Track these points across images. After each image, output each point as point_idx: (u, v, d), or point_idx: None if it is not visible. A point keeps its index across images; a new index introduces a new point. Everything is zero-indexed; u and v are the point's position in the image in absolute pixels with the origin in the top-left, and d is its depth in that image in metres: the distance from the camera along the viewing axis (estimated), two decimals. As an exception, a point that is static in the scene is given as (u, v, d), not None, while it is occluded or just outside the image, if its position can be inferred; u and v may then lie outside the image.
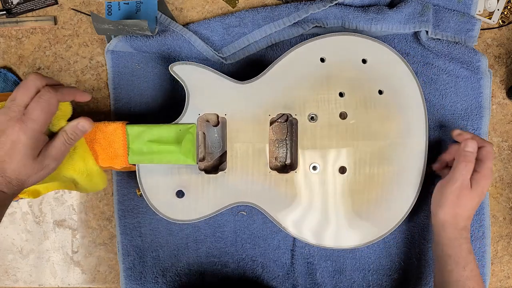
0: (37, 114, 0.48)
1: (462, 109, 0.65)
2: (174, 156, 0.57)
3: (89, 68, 0.67)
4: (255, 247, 0.66)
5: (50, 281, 0.68)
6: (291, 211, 0.59)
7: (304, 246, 0.65)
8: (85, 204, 0.67)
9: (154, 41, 0.62)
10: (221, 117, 0.59)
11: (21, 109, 0.48)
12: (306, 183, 0.59)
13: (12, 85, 0.65)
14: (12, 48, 0.66)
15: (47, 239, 0.68)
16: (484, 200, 0.65)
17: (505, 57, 0.67)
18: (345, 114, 0.59)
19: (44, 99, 0.49)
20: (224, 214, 0.65)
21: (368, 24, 0.61)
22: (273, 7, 0.63)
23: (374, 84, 0.59)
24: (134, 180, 0.64)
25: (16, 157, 0.48)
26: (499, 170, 0.67)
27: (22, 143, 0.48)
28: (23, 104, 0.48)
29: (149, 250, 0.66)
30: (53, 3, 0.66)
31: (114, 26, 0.59)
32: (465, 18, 0.63)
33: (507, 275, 0.68)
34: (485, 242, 0.65)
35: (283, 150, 0.63)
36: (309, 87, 0.59)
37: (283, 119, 0.62)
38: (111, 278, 0.68)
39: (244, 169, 0.59)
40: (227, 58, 0.64)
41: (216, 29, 0.64)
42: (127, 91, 0.65)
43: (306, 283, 0.66)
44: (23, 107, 0.48)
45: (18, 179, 0.49)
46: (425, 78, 0.65)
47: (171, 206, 0.59)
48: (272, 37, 0.64)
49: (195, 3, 0.66)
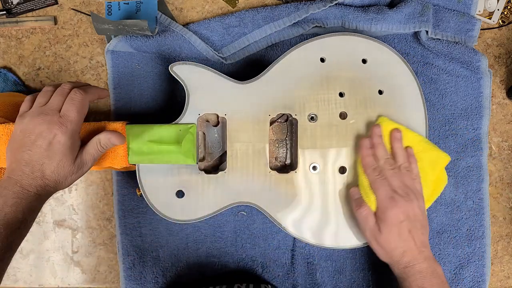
0: (73, 115, 0.50)
1: (462, 109, 0.65)
2: (174, 156, 0.57)
3: (89, 68, 0.67)
4: (255, 247, 0.66)
5: (50, 281, 0.68)
6: (291, 211, 0.59)
7: (304, 246, 0.65)
8: (85, 204, 0.67)
9: (154, 41, 0.62)
10: (221, 117, 0.59)
11: (56, 112, 0.49)
12: (306, 183, 0.59)
13: (12, 85, 0.65)
14: (12, 48, 0.66)
15: (47, 239, 0.68)
16: (484, 200, 0.65)
17: (505, 57, 0.67)
18: (345, 114, 0.59)
19: (77, 100, 0.50)
20: (224, 214, 0.65)
21: (368, 24, 0.61)
22: (273, 7, 0.63)
23: (374, 84, 0.59)
24: (134, 180, 0.64)
25: (55, 157, 0.49)
26: (499, 170, 0.67)
27: (62, 144, 0.49)
28: (57, 108, 0.50)
29: (149, 250, 0.66)
30: (53, 3, 0.66)
31: (114, 26, 0.59)
32: (465, 18, 0.63)
33: (507, 275, 0.68)
34: (485, 242, 0.65)
35: (283, 150, 0.63)
36: (309, 87, 0.59)
37: (283, 119, 0.62)
38: (111, 278, 0.68)
39: (244, 169, 0.59)
40: (227, 58, 0.64)
41: (216, 29, 0.64)
42: (127, 91, 0.65)
43: (306, 283, 0.66)
44: (58, 110, 0.50)
45: (56, 180, 0.50)
46: (425, 78, 0.65)
47: (171, 206, 0.59)
48: (272, 37, 0.64)
49: (195, 3, 0.66)
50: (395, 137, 0.57)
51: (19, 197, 0.47)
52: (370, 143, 0.56)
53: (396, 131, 0.57)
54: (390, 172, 0.54)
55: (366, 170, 0.55)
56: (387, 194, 0.53)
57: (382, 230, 0.52)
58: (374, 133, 0.57)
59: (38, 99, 0.51)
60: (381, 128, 0.57)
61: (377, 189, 0.53)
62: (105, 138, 0.53)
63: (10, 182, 0.48)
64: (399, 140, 0.57)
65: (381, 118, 0.58)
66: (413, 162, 0.56)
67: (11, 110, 0.58)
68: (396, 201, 0.52)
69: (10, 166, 0.49)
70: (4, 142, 0.54)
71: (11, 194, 0.47)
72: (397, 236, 0.52)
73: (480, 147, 0.65)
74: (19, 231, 0.47)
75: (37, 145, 0.48)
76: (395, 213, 0.52)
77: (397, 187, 0.53)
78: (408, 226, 0.52)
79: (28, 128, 0.49)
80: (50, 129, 0.48)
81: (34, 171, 0.48)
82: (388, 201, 0.52)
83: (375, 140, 0.56)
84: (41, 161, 0.48)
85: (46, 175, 0.49)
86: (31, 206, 0.48)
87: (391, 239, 0.52)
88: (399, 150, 0.56)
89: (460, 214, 0.65)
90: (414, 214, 0.52)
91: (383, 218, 0.52)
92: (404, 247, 0.52)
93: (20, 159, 0.49)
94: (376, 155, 0.56)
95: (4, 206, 0.46)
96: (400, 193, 0.53)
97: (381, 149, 0.56)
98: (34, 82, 0.67)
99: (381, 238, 0.52)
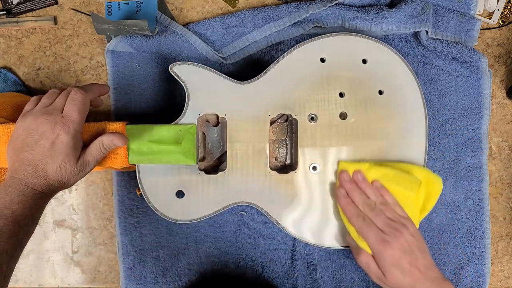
0: (75, 115, 0.50)
1: (462, 109, 0.65)
2: (174, 156, 0.57)
3: (89, 68, 0.67)
4: (255, 247, 0.66)
5: (50, 281, 0.68)
6: (291, 211, 0.59)
7: (304, 246, 0.65)
8: (85, 204, 0.67)
9: (154, 41, 0.62)
10: (221, 117, 0.59)
11: (59, 112, 0.50)
12: (306, 183, 0.59)
13: (12, 85, 0.65)
14: (12, 48, 0.66)
15: (47, 239, 0.68)
16: (484, 200, 0.65)
17: (505, 57, 0.67)
18: (345, 114, 0.59)
19: (77, 100, 0.50)
20: (224, 214, 0.65)
21: (368, 24, 0.61)
22: (273, 7, 0.63)
23: (374, 84, 0.59)
24: (134, 180, 0.64)
25: (58, 157, 0.49)
26: (499, 170, 0.67)
27: (65, 143, 0.49)
28: (61, 108, 0.50)
29: (149, 250, 0.66)
30: (53, 3, 0.66)
31: (114, 26, 0.59)
32: (465, 18, 0.63)
33: (507, 275, 0.68)
34: (485, 242, 0.65)
35: (283, 150, 0.63)
36: (309, 87, 0.59)
37: (283, 119, 0.62)
38: (111, 278, 0.68)
39: (244, 169, 0.59)
40: (227, 58, 0.64)
41: (216, 29, 0.63)
42: (127, 91, 0.65)
43: (306, 283, 0.66)
44: (61, 110, 0.50)
45: (59, 180, 0.50)
46: (425, 78, 0.65)
47: (171, 206, 0.59)
48: (272, 37, 0.64)
49: (195, 3, 0.66)
50: (357, 179, 0.57)
51: (24, 195, 0.47)
52: (345, 191, 0.57)
53: (355, 174, 0.57)
54: (371, 214, 0.55)
55: (351, 219, 0.56)
56: (376, 238, 0.53)
57: (385, 274, 0.53)
58: (344, 180, 0.57)
59: (43, 100, 0.52)
60: (348, 173, 0.58)
61: (366, 236, 0.54)
62: (108, 139, 0.53)
63: (14, 181, 0.48)
64: (364, 180, 0.57)
65: (341, 162, 0.58)
66: (384, 194, 0.57)
67: (11, 110, 0.58)
68: (387, 242, 0.52)
69: (13, 165, 0.49)
70: (4, 142, 0.54)
71: (16, 192, 0.47)
72: (401, 274, 0.52)
73: (480, 147, 0.65)
74: (27, 228, 0.48)
75: (40, 145, 0.48)
76: (390, 254, 0.52)
77: (383, 226, 0.54)
78: (407, 260, 0.52)
79: (31, 128, 0.49)
80: (53, 129, 0.48)
81: (37, 170, 0.48)
82: (380, 244, 0.53)
83: (347, 186, 0.57)
84: (44, 160, 0.48)
85: (49, 174, 0.49)
86: (37, 203, 0.49)
87: (397, 279, 0.52)
88: (367, 189, 0.57)
89: (460, 214, 0.65)
90: (408, 244, 0.53)
91: (381, 262, 0.53)
92: (411, 281, 0.52)
93: (22, 158, 0.49)
94: (354, 201, 0.56)
95: (11, 203, 0.47)
96: (387, 232, 0.53)
97: (356, 195, 0.56)
98: (34, 82, 0.67)
99: (387, 281, 0.53)
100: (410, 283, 0.52)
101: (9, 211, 0.46)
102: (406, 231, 0.53)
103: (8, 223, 0.46)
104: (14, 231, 0.46)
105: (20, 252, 0.48)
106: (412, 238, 0.53)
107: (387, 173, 0.57)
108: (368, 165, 0.58)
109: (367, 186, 0.57)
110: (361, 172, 0.57)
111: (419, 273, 0.52)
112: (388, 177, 0.57)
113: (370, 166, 0.58)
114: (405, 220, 0.55)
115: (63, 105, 0.50)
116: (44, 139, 0.48)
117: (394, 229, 0.53)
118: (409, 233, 0.53)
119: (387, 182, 0.57)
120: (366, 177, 0.57)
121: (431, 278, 0.52)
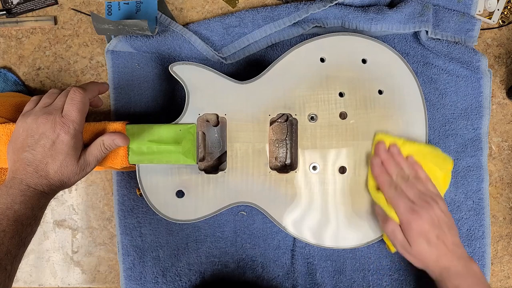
0: (75, 115, 0.50)
1: (462, 108, 0.65)
2: (174, 156, 0.57)
3: (89, 68, 0.67)
4: (255, 247, 0.66)
5: (50, 281, 0.68)
6: (291, 211, 0.59)
7: (304, 246, 0.65)
8: (85, 204, 0.67)
9: (154, 41, 0.62)
10: (221, 117, 0.59)
11: (59, 112, 0.50)
12: (306, 183, 0.59)
13: (12, 85, 0.65)
14: (12, 48, 0.66)
15: (47, 239, 0.68)
16: (484, 200, 0.65)
17: (505, 57, 0.67)
18: (345, 114, 0.59)
19: (77, 100, 0.50)
20: (224, 214, 0.65)
21: (368, 24, 0.61)
22: (273, 7, 0.63)
23: (374, 84, 0.59)
24: (134, 180, 0.64)
25: (59, 157, 0.49)
26: (499, 170, 0.67)
27: (66, 143, 0.49)
28: (61, 108, 0.50)
29: (149, 250, 0.66)
30: (53, 3, 0.66)
31: (114, 26, 0.59)
32: (465, 18, 0.63)
33: (507, 275, 0.68)
34: (485, 242, 0.65)
35: (283, 150, 0.63)
36: (309, 87, 0.59)
37: (283, 119, 0.62)
38: (111, 278, 0.68)
39: (244, 169, 0.59)
40: (227, 58, 0.64)
41: (216, 29, 0.64)
42: (127, 91, 0.65)
43: (306, 283, 0.66)
44: (61, 110, 0.50)
45: (60, 180, 0.50)
46: (425, 78, 0.65)
47: (171, 206, 0.59)
48: (272, 37, 0.64)
49: (195, 3, 0.66)
50: (393, 151, 0.58)
51: (26, 195, 0.48)
52: (380, 161, 0.57)
53: (392, 146, 0.58)
54: (404, 185, 0.55)
55: (383, 188, 0.56)
56: (406, 207, 0.53)
57: (411, 243, 0.53)
58: (381, 150, 0.58)
59: (43, 99, 0.52)
60: (384, 144, 0.58)
61: (396, 205, 0.54)
62: (109, 139, 0.53)
63: (16, 181, 0.48)
64: (399, 154, 0.58)
65: (378, 134, 0.59)
66: (418, 169, 0.57)
67: (11, 110, 0.58)
68: (417, 212, 0.52)
69: (14, 165, 0.49)
70: (4, 142, 0.54)
71: (18, 192, 0.47)
72: (427, 246, 0.52)
73: (480, 147, 0.65)
74: (30, 228, 0.48)
75: (40, 145, 0.48)
76: (419, 224, 0.52)
77: (414, 197, 0.54)
78: (435, 233, 0.52)
79: (32, 128, 0.49)
80: (53, 129, 0.48)
81: (38, 170, 0.48)
82: (409, 214, 0.53)
83: (383, 156, 0.57)
84: (45, 160, 0.48)
85: (50, 174, 0.49)
86: (39, 203, 0.49)
87: (422, 250, 0.52)
88: (402, 162, 0.57)
89: (460, 214, 0.65)
90: (437, 218, 0.53)
91: (409, 231, 0.53)
92: (437, 254, 0.52)
93: (23, 158, 0.49)
94: (388, 171, 0.57)
95: (13, 203, 0.47)
96: (418, 203, 0.53)
97: (392, 165, 0.57)
98: (34, 82, 0.67)
99: (412, 251, 0.53)
100: (435, 255, 0.52)
101: (11, 211, 0.46)
102: (436, 206, 0.53)
103: (10, 223, 0.46)
104: (17, 231, 0.46)
105: (23, 252, 0.48)
106: (442, 213, 0.53)
107: (420, 149, 0.58)
108: (403, 140, 0.58)
109: (402, 159, 0.57)
110: (397, 146, 0.58)
111: (446, 248, 0.52)
112: (422, 153, 0.58)
113: (405, 142, 0.58)
114: (436, 196, 0.55)
115: (63, 105, 0.50)
116: (44, 139, 0.48)
117: (425, 201, 0.53)
118: (439, 208, 0.53)
119: (421, 158, 0.58)
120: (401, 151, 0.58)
121: (458, 254, 0.52)
